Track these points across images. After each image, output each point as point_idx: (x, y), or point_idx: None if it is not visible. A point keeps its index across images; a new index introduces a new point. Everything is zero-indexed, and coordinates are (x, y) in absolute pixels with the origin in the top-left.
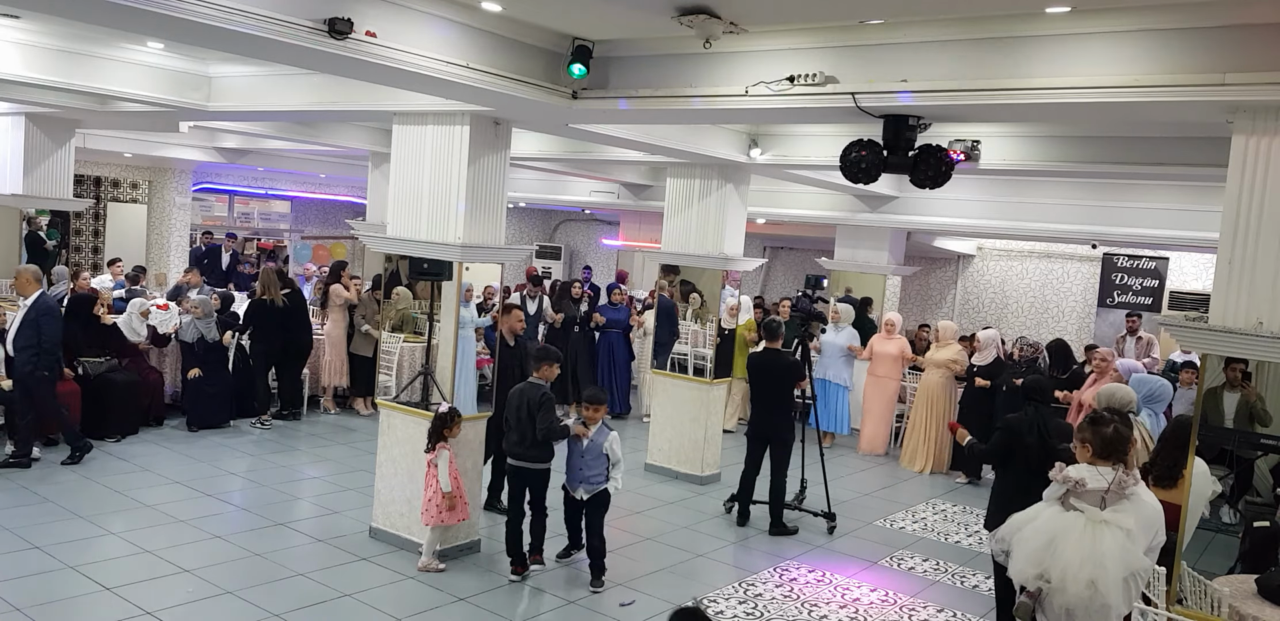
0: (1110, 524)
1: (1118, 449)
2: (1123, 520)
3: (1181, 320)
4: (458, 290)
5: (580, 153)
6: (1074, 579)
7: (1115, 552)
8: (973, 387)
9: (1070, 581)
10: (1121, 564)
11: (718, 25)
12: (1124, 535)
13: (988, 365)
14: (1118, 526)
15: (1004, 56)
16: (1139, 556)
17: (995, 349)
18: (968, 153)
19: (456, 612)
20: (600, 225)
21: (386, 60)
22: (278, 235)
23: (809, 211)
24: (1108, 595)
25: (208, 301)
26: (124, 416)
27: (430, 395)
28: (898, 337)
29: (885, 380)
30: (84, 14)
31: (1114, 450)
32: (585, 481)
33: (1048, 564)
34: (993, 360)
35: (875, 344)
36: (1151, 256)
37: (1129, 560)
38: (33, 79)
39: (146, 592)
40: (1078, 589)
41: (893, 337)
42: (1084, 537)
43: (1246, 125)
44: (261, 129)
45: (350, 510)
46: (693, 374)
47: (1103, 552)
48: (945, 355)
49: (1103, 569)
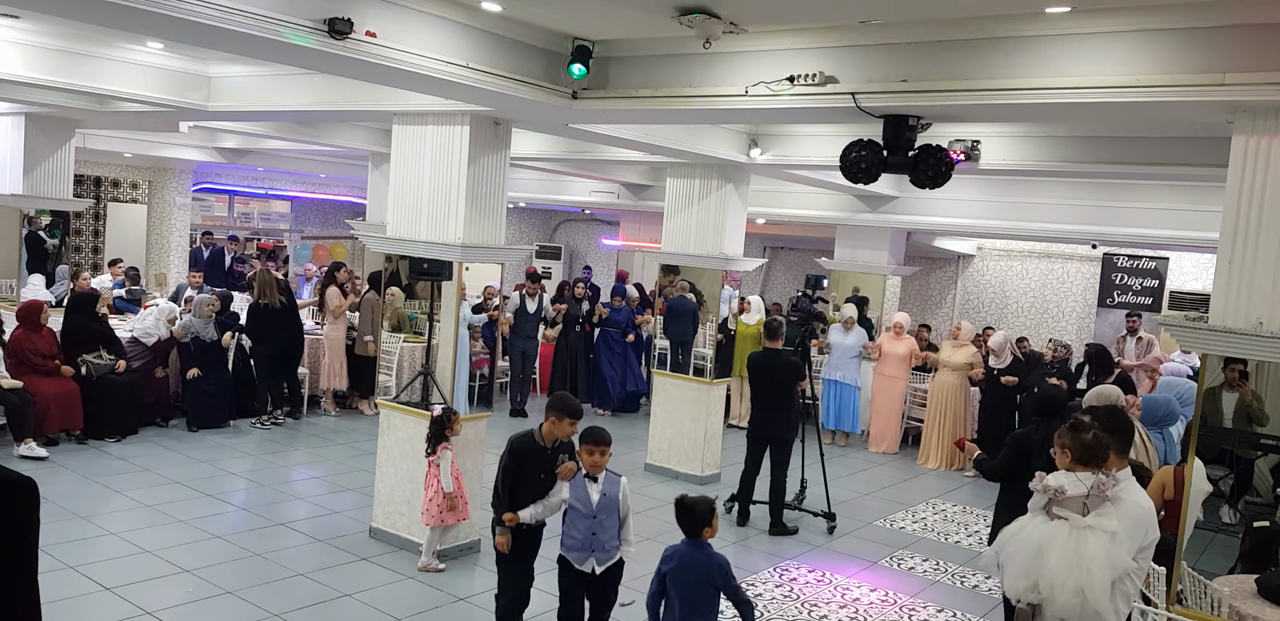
0: (1094, 529)
1: (1097, 455)
2: (1106, 524)
3: (1181, 320)
4: (458, 290)
5: (580, 153)
6: (1061, 587)
7: (1100, 557)
8: (996, 388)
9: (1058, 590)
10: (1107, 567)
11: (717, 25)
12: (1108, 538)
13: (1005, 367)
14: (1101, 530)
15: (1004, 56)
16: (1125, 558)
17: (1011, 350)
18: (968, 153)
19: (456, 612)
20: (600, 225)
21: (386, 60)
22: (278, 235)
23: (809, 211)
24: (1096, 601)
25: (206, 301)
26: (124, 416)
27: (430, 395)
28: (906, 338)
29: (893, 380)
30: (84, 14)
31: (1093, 456)
32: (599, 549)
33: (1036, 575)
34: (1011, 361)
35: (884, 344)
36: (1151, 256)
37: (1115, 562)
38: (33, 79)
39: (146, 592)
40: (1066, 597)
41: (901, 338)
42: (1068, 545)
43: (1246, 125)
44: (261, 129)
45: (350, 510)
46: (692, 374)
47: (1089, 558)
48: (962, 358)
49: (1089, 575)
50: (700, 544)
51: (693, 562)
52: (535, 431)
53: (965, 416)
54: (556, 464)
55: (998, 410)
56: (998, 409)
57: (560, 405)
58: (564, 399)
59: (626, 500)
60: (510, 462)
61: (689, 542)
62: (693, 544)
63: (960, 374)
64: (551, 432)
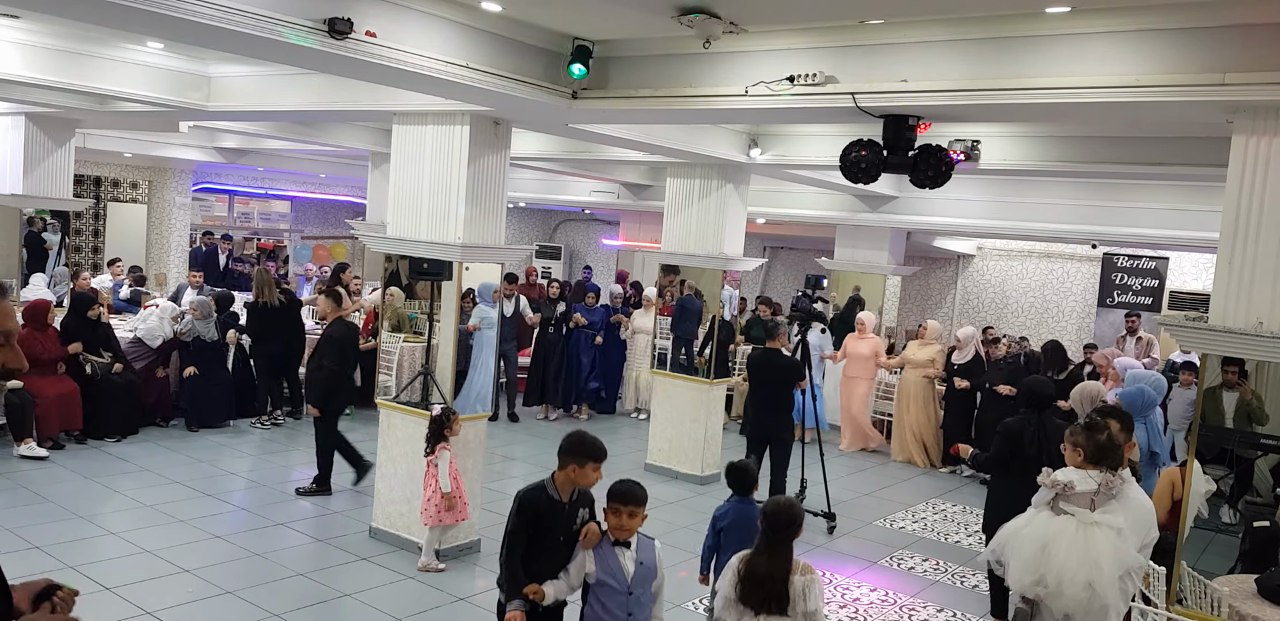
0: (1101, 525)
1: (1110, 456)
2: (1113, 520)
3: (1181, 320)
4: (458, 290)
5: (580, 153)
6: (1070, 582)
7: (1109, 552)
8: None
9: (1067, 584)
10: (1116, 563)
11: (717, 25)
12: (1115, 534)
13: (967, 362)
14: (1109, 526)
15: (1004, 56)
16: (1133, 554)
17: (975, 346)
18: (968, 153)
19: (456, 612)
20: (600, 225)
21: (386, 60)
22: (278, 235)
23: (809, 211)
24: (1105, 595)
25: (206, 302)
26: (124, 416)
27: (430, 395)
28: (870, 337)
29: (858, 380)
30: (84, 14)
31: (1105, 457)
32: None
33: (1043, 569)
34: (972, 357)
35: (849, 343)
36: (1151, 256)
37: (1123, 559)
38: (33, 79)
39: (146, 592)
40: (1074, 591)
41: (865, 337)
42: (1076, 540)
43: (1246, 125)
44: (261, 129)
45: (350, 510)
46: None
47: (1097, 553)
48: (925, 355)
49: (1099, 569)
50: (749, 500)
51: (743, 516)
52: (548, 482)
53: (934, 412)
54: (576, 521)
55: (959, 406)
56: (960, 404)
57: (578, 447)
58: (581, 439)
59: (662, 568)
60: (520, 524)
61: (739, 499)
62: (743, 500)
63: (923, 371)
64: (570, 482)
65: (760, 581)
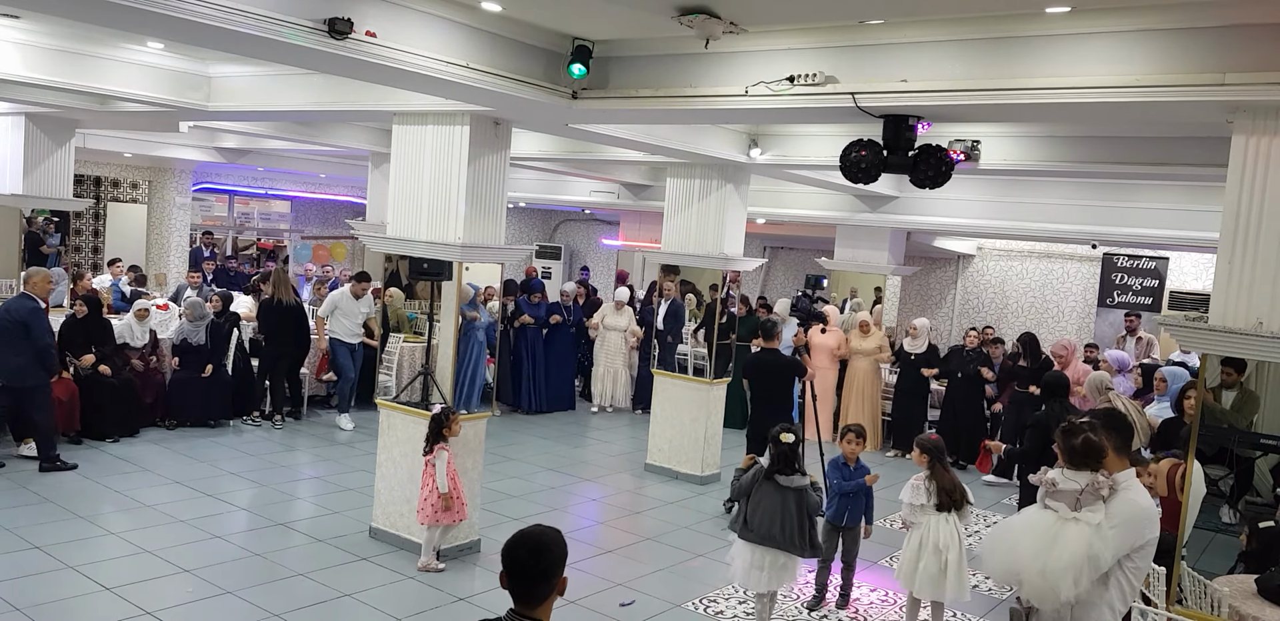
0: (1079, 521)
1: (1087, 458)
2: (1090, 517)
3: (1181, 320)
4: (458, 290)
5: (580, 153)
6: (1027, 568)
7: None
8: (909, 373)
9: (1024, 572)
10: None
11: (718, 25)
12: (1091, 530)
13: (923, 353)
14: (1086, 523)
15: (1004, 56)
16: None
17: (928, 336)
18: (968, 153)
19: (456, 612)
20: (600, 225)
21: (386, 60)
22: (278, 235)
23: (809, 211)
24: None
25: (200, 304)
26: (123, 417)
27: (430, 395)
28: (834, 330)
29: (823, 371)
30: (84, 14)
31: (1082, 460)
32: None
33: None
34: (927, 347)
35: (814, 336)
36: (1151, 256)
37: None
38: (33, 79)
39: (146, 592)
40: (1031, 577)
41: (831, 330)
42: (1046, 532)
43: (1246, 125)
44: (261, 129)
45: (350, 510)
46: (692, 374)
47: (1061, 544)
48: (870, 344)
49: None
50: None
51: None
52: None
53: (877, 399)
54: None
55: (908, 396)
56: (908, 394)
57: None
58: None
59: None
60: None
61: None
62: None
63: (870, 359)
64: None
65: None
